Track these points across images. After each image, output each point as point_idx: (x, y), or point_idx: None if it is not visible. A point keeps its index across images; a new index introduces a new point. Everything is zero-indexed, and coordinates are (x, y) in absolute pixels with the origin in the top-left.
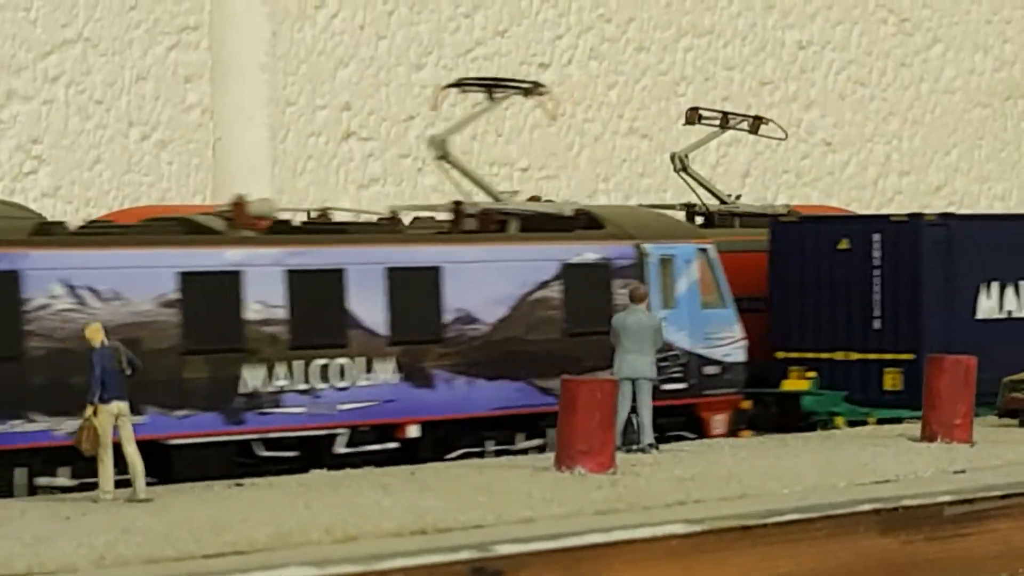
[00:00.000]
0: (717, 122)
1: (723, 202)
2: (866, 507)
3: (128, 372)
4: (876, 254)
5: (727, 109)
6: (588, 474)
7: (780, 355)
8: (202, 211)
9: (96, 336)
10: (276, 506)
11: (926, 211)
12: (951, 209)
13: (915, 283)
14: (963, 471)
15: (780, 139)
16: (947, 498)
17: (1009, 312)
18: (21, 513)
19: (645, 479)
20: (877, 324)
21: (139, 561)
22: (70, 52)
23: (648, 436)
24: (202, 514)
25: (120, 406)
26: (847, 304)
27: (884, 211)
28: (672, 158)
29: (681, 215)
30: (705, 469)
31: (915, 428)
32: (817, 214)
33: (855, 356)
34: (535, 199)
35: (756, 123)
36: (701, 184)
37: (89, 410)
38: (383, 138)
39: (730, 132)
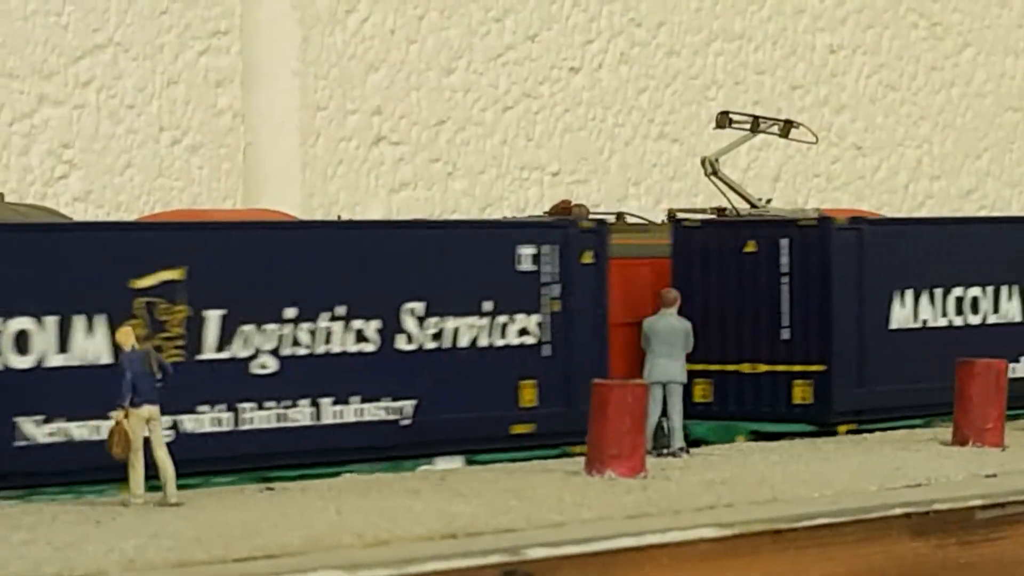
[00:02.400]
0: (748, 126)
1: (754, 206)
2: (897, 511)
3: (159, 377)
4: (784, 260)
5: (758, 113)
6: (618, 478)
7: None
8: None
9: (127, 340)
10: (307, 510)
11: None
12: (982, 214)
13: (825, 290)
14: (994, 475)
15: (811, 143)
16: (979, 502)
17: (924, 321)
18: (52, 518)
19: (676, 483)
20: (785, 334)
21: (169, 565)
22: (101, 57)
23: (679, 440)
24: (233, 518)
25: (151, 410)
26: (753, 313)
27: (914, 216)
28: (703, 162)
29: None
30: (736, 473)
31: (946, 432)
32: (720, 218)
33: (762, 368)
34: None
35: (787, 127)
36: (732, 188)
37: (120, 414)
38: (414, 142)
39: (761, 136)
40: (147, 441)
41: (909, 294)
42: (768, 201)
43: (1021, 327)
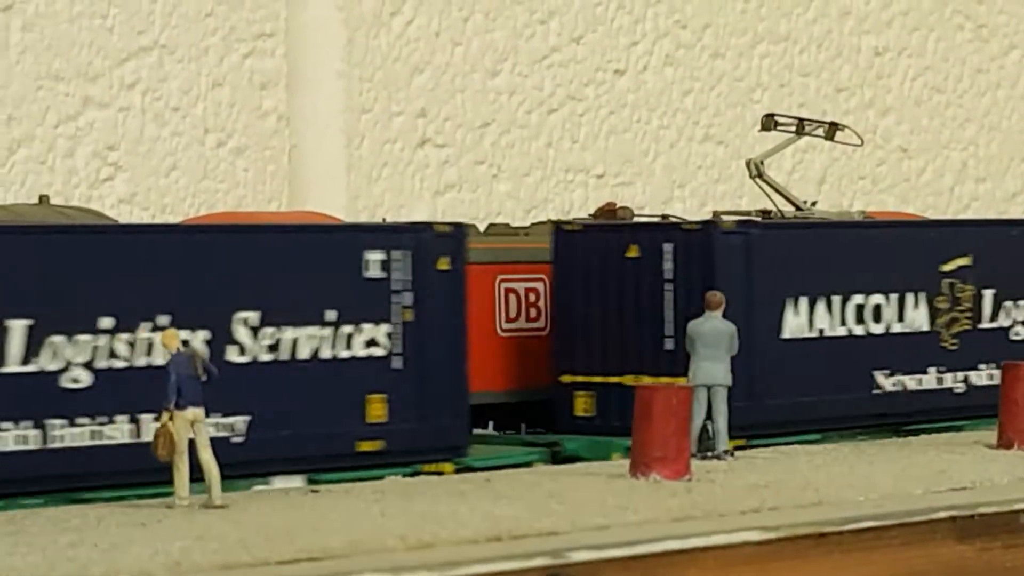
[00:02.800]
0: (793, 128)
1: (799, 209)
2: (942, 514)
3: (204, 378)
4: (667, 265)
5: (803, 115)
6: (663, 481)
7: (566, 379)
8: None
9: (172, 342)
10: (351, 513)
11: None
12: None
13: None
14: None
15: (856, 145)
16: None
17: (821, 331)
18: (98, 520)
19: (720, 486)
20: (669, 344)
21: (214, 567)
22: (146, 59)
23: (723, 443)
24: (277, 520)
25: (196, 412)
26: (637, 322)
27: (962, 216)
28: (747, 164)
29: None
30: (780, 476)
31: (991, 435)
32: (603, 221)
33: (645, 380)
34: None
35: (832, 129)
36: (777, 191)
37: (165, 416)
38: (458, 145)
39: (806, 138)
40: (192, 443)
41: (804, 302)
42: (813, 204)
43: (928, 336)
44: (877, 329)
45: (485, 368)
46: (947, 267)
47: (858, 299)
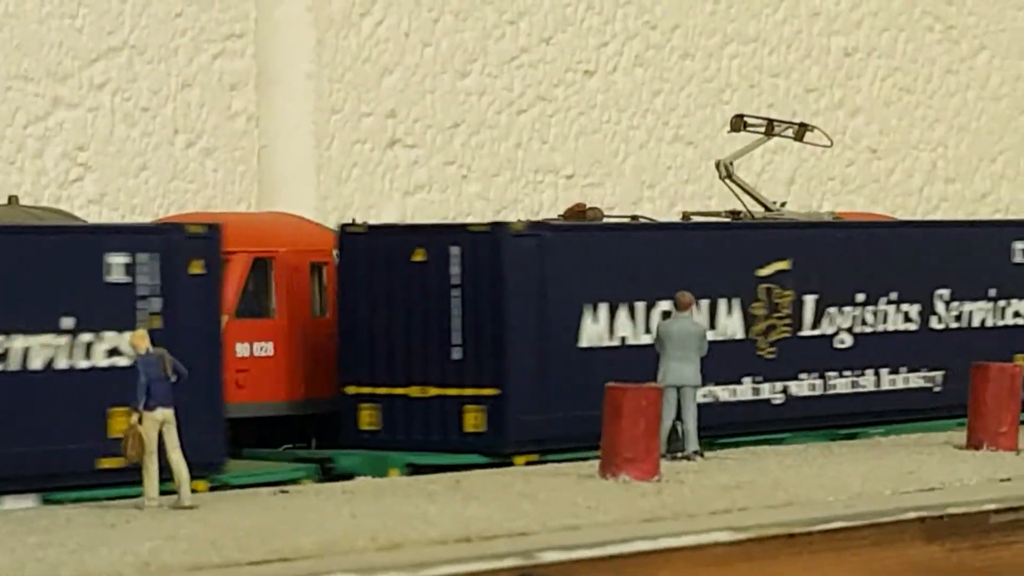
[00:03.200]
0: (762, 129)
1: (768, 209)
2: (912, 515)
3: (173, 379)
4: (454, 270)
5: (772, 116)
6: (633, 482)
7: (351, 390)
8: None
9: (141, 343)
10: (321, 514)
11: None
12: (997, 217)
13: (498, 305)
14: (1009, 479)
15: (825, 146)
16: (993, 506)
17: (623, 339)
18: (67, 521)
19: (690, 487)
20: (457, 353)
21: (184, 568)
22: (116, 60)
23: (693, 443)
24: (247, 521)
25: (165, 413)
26: (423, 330)
27: (931, 218)
28: (717, 165)
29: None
30: (750, 477)
31: (960, 436)
32: (389, 223)
33: (432, 391)
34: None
35: (801, 130)
36: (746, 191)
37: (134, 417)
38: (428, 145)
39: (775, 139)
40: (161, 444)
41: (604, 308)
42: (783, 204)
43: (743, 345)
44: None
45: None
46: (764, 271)
47: (664, 305)
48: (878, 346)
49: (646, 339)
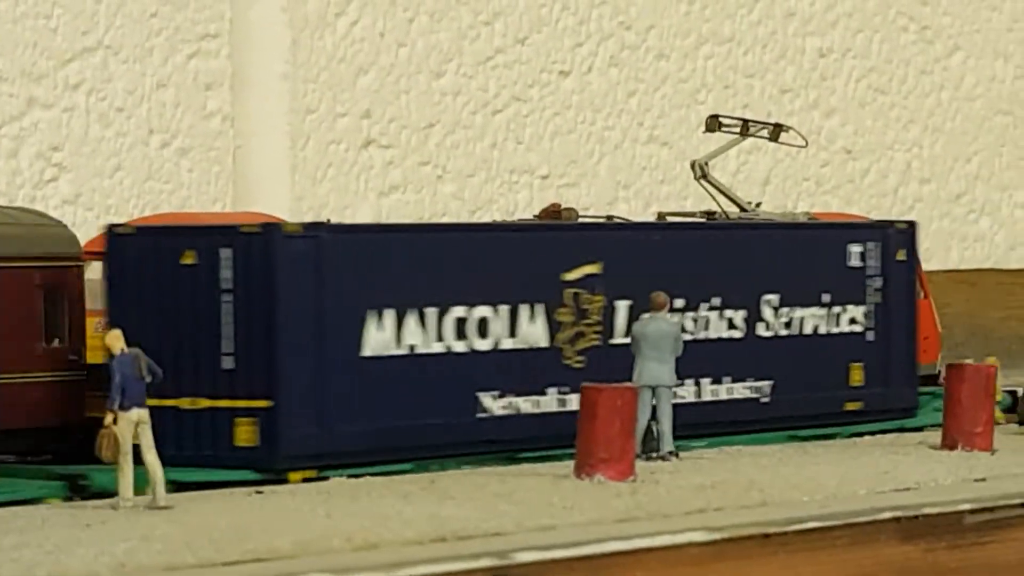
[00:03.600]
0: (737, 129)
1: (743, 210)
2: (887, 515)
3: (148, 379)
4: (225, 274)
5: (747, 116)
6: (608, 482)
7: None
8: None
9: (116, 343)
10: (297, 514)
11: (948, 219)
12: (971, 217)
13: (271, 311)
14: (984, 479)
15: (800, 147)
16: (968, 506)
17: (412, 347)
18: (42, 521)
19: (665, 487)
20: (228, 363)
21: (159, 569)
22: (91, 60)
23: (668, 444)
24: (222, 522)
25: (140, 413)
26: (193, 337)
27: (904, 218)
28: (692, 166)
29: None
30: (725, 477)
31: (935, 436)
32: (158, 223)
33: (203, 403)
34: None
35: (776, 130)
36: (721, 192)
37: (109, 417)
38: (403, 146)
39: (750, 139)
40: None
41: (390, 315)
42: (758, 205)
43: (548, 353)
44: (483, 345)
45: None
46: (571, 275)
47: (459, 311)
48: (699, 355)
49: (438, 347)
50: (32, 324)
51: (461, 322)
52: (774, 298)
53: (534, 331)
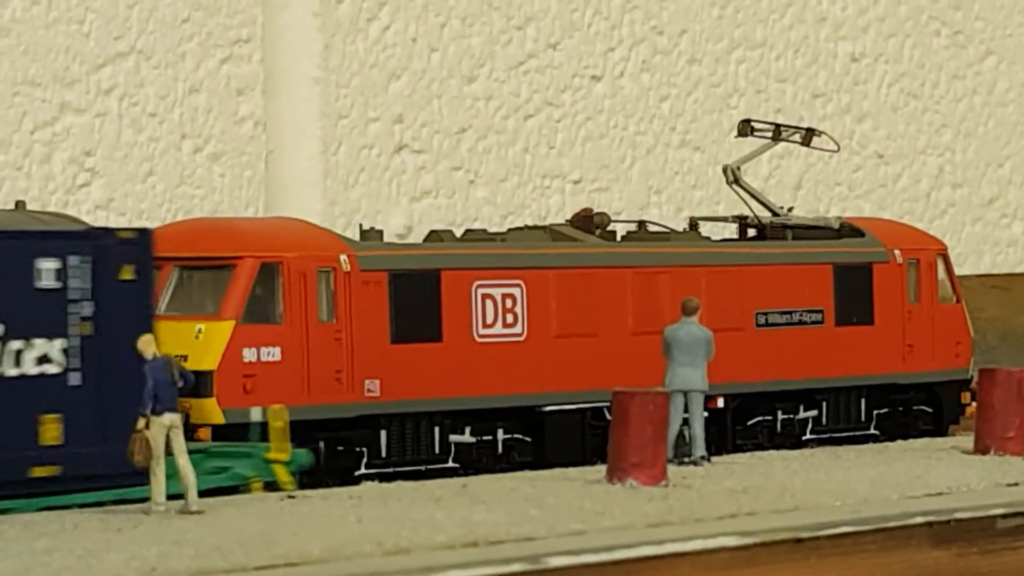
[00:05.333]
0: (769, 134)
1: (775, 214)
2: (919, 520)
3: (180, 384)
4: None
5: (779, 121)
6: (640, 487)
7: None
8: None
9: (148, 348)
10: (327, 519)
11: (980, 224)
12: (1004, 222)
13: None
14: (1016, 484)
15: (832, 151)
16: (1000, 511)
17: None
18: (74, 526)
19: (697, 491)
20: None
21: (190, 573)
22: (123, 65)
23: (700, 448)
24: (253, 527)
25: (172, 418)
26: None
27: (936, 224)
28: (724, 170)
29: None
30: (757, 482)
31: (968, 441)
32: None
33: None
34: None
35: (808, 135)
36: (753, 196)
37: (141, 422)
38: (435, 151)
39: (782, 144)
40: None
41: None
42: (790, 209)
43: None
44: None
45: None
46: None
47: None
48: None
49: None
50: None
51: None
52: None
53: None
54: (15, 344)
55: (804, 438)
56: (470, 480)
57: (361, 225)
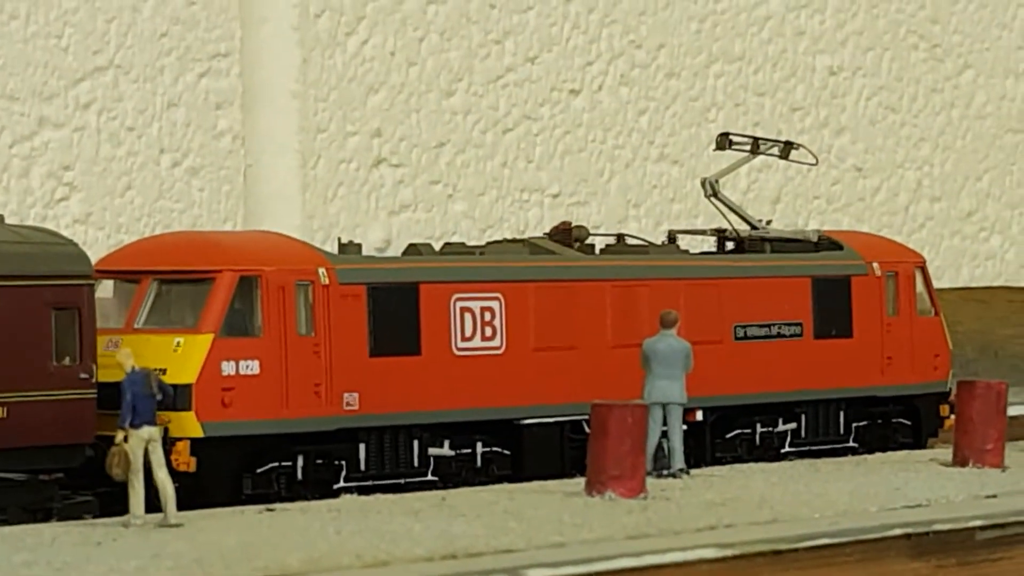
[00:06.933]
0: (748, 148)
1: (754, 228)
2: (897, 532)
3: (158, 397)
4: None
5: (758, 135)
6: (619, 499)
7: None
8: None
9: (127, 361)
10: (307, 531)
11: (959, 237)
12: (982, 235)
13: None
14: (995, 496)
15: (811, 164)
16: (979, 523)
17: None
18: (52, 539)
19: (676, 504)
20: None
21: None
22: (101, 79)
23: (679, 461)
24: (233, 539)
25: (151, 431)
26: None
27: (914, 237)
28: (703, 184)
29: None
30: (736, 494)
31: (946, 453)
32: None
33: None
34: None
35: (787, 148)
36: (732, 209)
37: (120, 435)
38: (414, 164)
39: (761, 158)
40: (147, 462)
41: None
42: (768, 223)
43: None
44: None
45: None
46: None
47: None
48: None
49: None
50: (43, 342)
51: None
52: None
53: None
54: None
55: (783, 451)
56: (449, 493)
57: (340, 239)
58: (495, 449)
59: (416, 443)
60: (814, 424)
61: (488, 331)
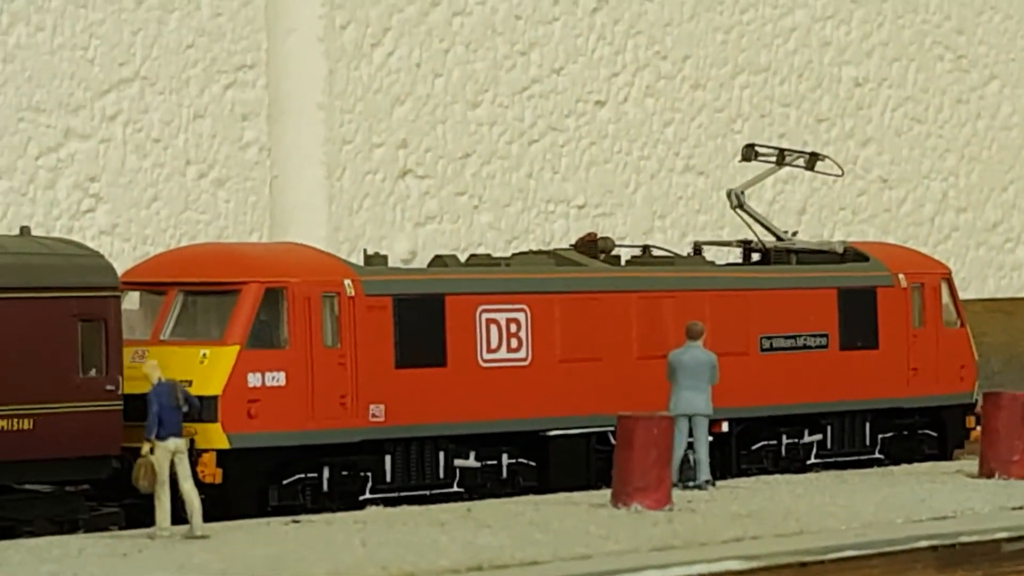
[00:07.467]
0: (773, 159)
1: (780, 239)
2: (923, 543)
3: (185, 409)
4: None
5: (783, 146)
6: (644, 511)
7: None
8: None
9: (153, 373)
10: (332, 543)
11: (984, 248)
12: (1008, 246)
13: None
14: (1021, 507)
15: (836, 176)
16: (1005, 534)
17: None
18: (79, 551)
19: (702, 515)
20: None
21: None
22: (127, 91)
23: (705, 472)
24: (259, 551)
25: (177, 443)
26: None
27: (940, 249)
28: (728, 195)
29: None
30: (762, 505)
31: (972, 464)
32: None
33: None
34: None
35: (812, 160)
36: (758, 221)
37: (146, 447)
38: (439, 176)
39: (786, 169)
40: (174, 474)
41: None
42: (794, 234)
43: None
44: None
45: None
46: None
47: None
48: None
49: None
50: (69, 354)
51: None
52: None
53: None
54: None
55: (809, 462)
56: (475, 504)
57: (365, 250)
58: (521, 460)
59: (442, 454)
60: (840, 435)
61: (514, 342)
